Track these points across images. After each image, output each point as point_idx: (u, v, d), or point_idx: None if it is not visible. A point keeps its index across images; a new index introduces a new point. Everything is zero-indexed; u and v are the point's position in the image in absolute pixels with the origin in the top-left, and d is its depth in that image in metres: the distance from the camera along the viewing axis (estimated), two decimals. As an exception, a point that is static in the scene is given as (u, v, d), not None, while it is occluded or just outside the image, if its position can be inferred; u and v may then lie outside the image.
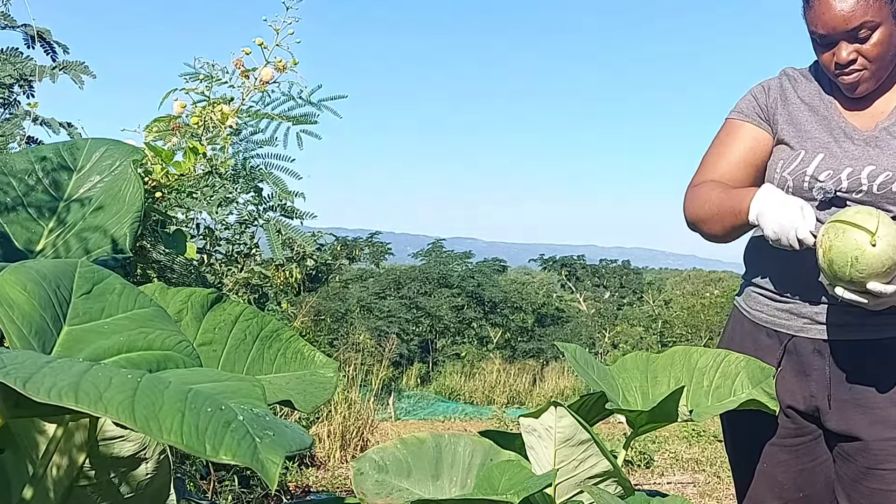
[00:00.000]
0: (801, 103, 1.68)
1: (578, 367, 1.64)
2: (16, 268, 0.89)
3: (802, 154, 1.62)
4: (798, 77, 1.73)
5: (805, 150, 1.62)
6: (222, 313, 1.27)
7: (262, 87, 1.77)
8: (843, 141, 1.61)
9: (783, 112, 1.68)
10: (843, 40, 1.53)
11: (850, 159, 1.58)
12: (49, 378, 0.65)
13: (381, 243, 16.61)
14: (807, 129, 1.65)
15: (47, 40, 2.19)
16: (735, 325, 1.80)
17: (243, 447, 0.63)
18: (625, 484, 1.50)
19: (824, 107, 1.66)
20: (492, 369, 12.65)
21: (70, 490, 1.10)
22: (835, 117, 1.64)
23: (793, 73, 1.74)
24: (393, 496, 1.45)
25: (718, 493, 5.16)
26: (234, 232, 2.00)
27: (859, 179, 1.57)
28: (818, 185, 1.58)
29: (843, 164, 1.58)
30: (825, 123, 1.64)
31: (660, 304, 17.95)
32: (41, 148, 1.51)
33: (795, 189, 1.61)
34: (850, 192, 1.57)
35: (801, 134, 1.65)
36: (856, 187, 1.57)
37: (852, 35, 1.52)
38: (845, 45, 1.53)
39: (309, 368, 1.30)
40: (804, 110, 1.67)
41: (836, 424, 1.63)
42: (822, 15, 1.52)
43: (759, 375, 1.65)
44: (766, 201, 1.51)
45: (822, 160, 1.60)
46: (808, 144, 1.63)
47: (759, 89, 1.74)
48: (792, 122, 1.67)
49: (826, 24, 1.52)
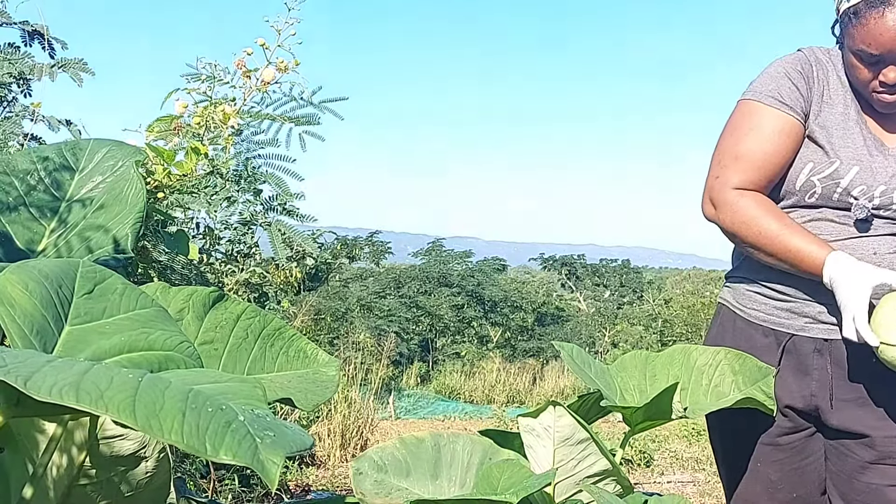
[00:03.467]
0: (834, 103, 1.61)
1: (575, 367, 1.64)
2: (18, 267, 0.89)
3: (837, 164, 1.57)
4: (830, 68, 1.64)
5: (840, 161, 1.57)
6: (224, 312, 1.27)
7: (263, 87, 1.78)
8: (875, 154, 1.58)
9: (818, 108, 1.61)
10: (894, 63, 1.48)
11: (884, 176, 1.56)
12: (50, 377, 0.65)
13: (381, 242, 16.62)
14: (840, 135, 1.59)
15: (45, 37, 2.19)
16: (724, 325, 1.77)
17: (244, 447, 0.63)
18: (624, 483, 1.50)
19: (854, 111, 1.61)
20: (491, 368, 12.66)
21: (70, 489, 1.10)
22: (863, 126, 1.60)
23: (825, 61, 1.64)
24: (392, 496, 1.46)
25: (718, 491, 5.16)
26: (235, 232, 2.01)
27: (891, 198, 1.55)
28: (857, 204, 1.56)
29: (877, 179, 1.56)
30: (857, 131, 1.59)
31: (660, 303, 17.95)
32: (43, 148, 1.51)
33: (822, 196, 1.58)
34: (881, 208, 1.56)
35: (833, 139, 1.59)
36: (887, 204, 1.56)
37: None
38: (895, 68, 1.49)
39: (311, 367, 1.30)
40: (837, 111, 1.61)
41: (838, 422, 1.63)
42: (878, 35, 1.46)
43: (756, 374, 1.65)
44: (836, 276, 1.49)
45: (857, 174, 1.56)
46: (841, 154, 1.57)
47: (796, 74, 1.62)
48: (824, 123, 1.60)
49: (882, 46, 1.46)
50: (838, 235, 1.59)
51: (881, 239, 1.58)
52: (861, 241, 1.58)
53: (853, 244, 1.58)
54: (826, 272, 1.50)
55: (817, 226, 1.61)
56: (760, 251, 1.60)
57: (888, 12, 1.44)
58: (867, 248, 1.58)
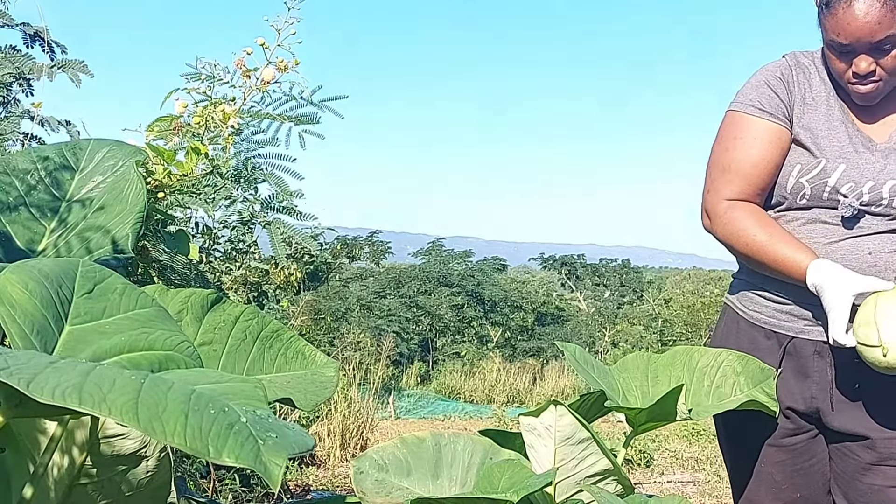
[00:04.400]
0: (817, 104, 1.62)
1: (578, 367, 1.64)
2: (18, 267, 0.89)
3: (823, 163, 1.57)
4: (812, 70, 1.64)
5: (826, 160, 1.57)
6: (222, 314, 1.28)
7: (263, 87, 1.78)
8: (862, 151, 1.58)
9: (800, 112, 1.62)
10: (864, 52, 1.49)
11: (872, 172, 1.56)
12: (52, 379, 0.65)
13: (381, 242, 16.62)
14: (825, 135, 1.59)
15: (45, 39, 2.19)
16: (729, 325, 1.78)
17: (246, 449, 0.63)
18: (624, 483, 1.50)
19: (839, 110, 1.61)
20: (492, 368, 12.66)
21: (71, 488, 1.10)
22: (849, 123, 1.60)
23: (807, 64, 1.66)
24: (393, 495, 1.46)
25: (718, 491, 5.16)
26: (235, 232, 2.00)
27: (881, 193, 1.55)
28: (844, 202, 1.56)
29: (864, 176, 1.55)
30: (842, 129, 1.59)
31: (660, 302, 17.95)
32: (43, 148, 1.51)
33: (812, 197, 1.59)
34: (871, 205, 1.56)
35: (819, 140, 1.59)
36: (877, 200, 1.56)
37: (876, 47, 1.48)
38: (865, 57, 1.49)
39: (310, 368, 1.30)
40: (820, 112, 1.61)
41: (839, 424, 1.63)
42: (846, 25, 1.46)
43: (759, 376, 1.65)
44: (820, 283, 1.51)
45: (843, 172, 1.56)
46: (828, 153, 1.58)
47: (775, 81, 1.64)
48: (809, 125, 1.61)
49: (850, 35, 1.47)
50: (832, 237, 1.59)
51: (875, 238, 1.58)
52: (855, 241, 1.58)
53: (848, 245, 1.58)
54: (810, 280, 1.52)
55: (811, 228, 1.61)
56: (751, 261, 1.64)
57: (855, 2, 1.45)
58: (862, 248, 1.58)
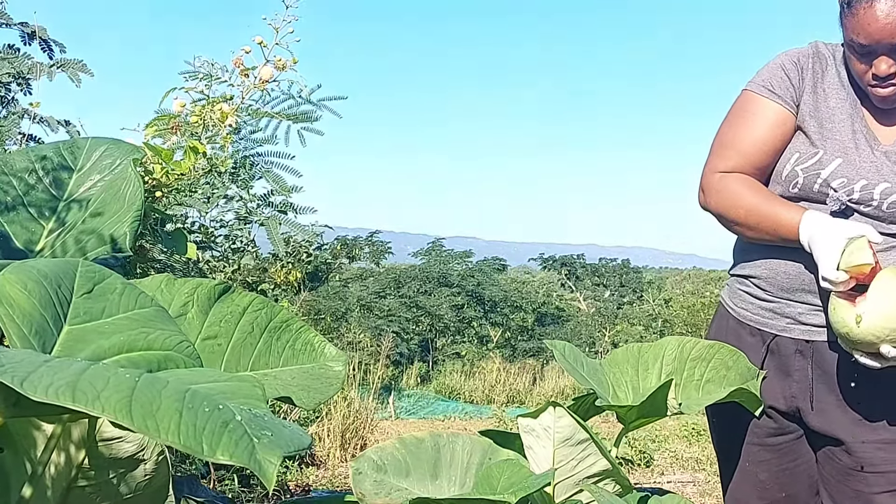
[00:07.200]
0: (827, 95, 1.61)
1: (567, 365, 1.64)
2: (17, 267, 0.89)
3: (820, 154, 1.57)
4: (830, 62, 1.63)
5: (824, 151, 1.57)
6: (230, 305, 1.24)
7: (261, 85, 1.77)
8: (863, 148, 1.56)
9: (809, 99, 1.61)
10: (884, 53, 1.47)
11: (867, 171, 1.54)
12: (46, 377, 0.65)
13: (381, 242, 16.61)
14: (829, 127, 1.58)
15: (44, 38, 2.19)
16: (720, 322, 1.79)
17: (241, 447, 0.63)
18: (623, 482, 1.50)
19: (850, 104, 1.59)
20: (491, 368, 12.64)
21: (68, 490, 1.10)
22: (858, 120, 1.58)
23: (826, 55, 1.64)
24: (392, 496, 1.46)
25: (718, 491, 5.15)
26: (231, 229, 2.00)
27: (871, 194, 1.54)
28: (833, 195, 1.55)
29: (859, 174, 1.54)
30: (849, 124, 1.58)
31: (660, 303, 17.94)
32: (41, 147, 1.51)
33: (803, 187, 1.58)
34: (860, 203, 1.55)
35: (822, 130, 1.58)
36: (867, 200, 1.55)
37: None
38: (886, 59, 1.47)
39: (318, 361, 1.27)
40: (829, 104, 1.60)
41: (818, 424, 1.63)
42: (867, 25, 1.45)
43: (746, 374, 1.65)
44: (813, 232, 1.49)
45: (838, 166, 1.55)
46: (827, 145, 1.57)
47: (790, 65, 1.63)
48: (816, 115, 1.60)
49: (870, 36, 1.45)
50: None
51: None
52: None
53: None
54: (803, 232, 1.51)
55: None
56: (743, 226, 1.62)
57: (877, 2, 1.44)
58: None
